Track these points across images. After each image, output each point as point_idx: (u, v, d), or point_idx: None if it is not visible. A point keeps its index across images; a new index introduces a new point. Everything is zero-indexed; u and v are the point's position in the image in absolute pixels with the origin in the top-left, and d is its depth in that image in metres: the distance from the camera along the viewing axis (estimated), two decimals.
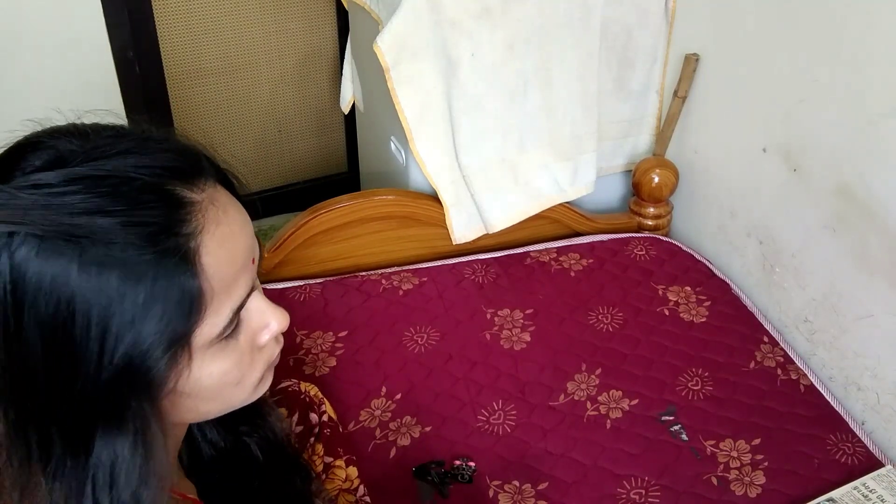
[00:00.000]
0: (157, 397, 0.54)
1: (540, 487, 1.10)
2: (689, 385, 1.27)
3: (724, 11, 1.45)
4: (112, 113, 0.58)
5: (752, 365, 1.31)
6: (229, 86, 2.14)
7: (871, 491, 1.08)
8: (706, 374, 1.29)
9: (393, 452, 1.14)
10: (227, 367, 0.57)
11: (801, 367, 1.32)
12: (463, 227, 1.51)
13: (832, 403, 1.26)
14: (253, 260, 0.59)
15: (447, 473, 1.11)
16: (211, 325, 0.54)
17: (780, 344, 1.36)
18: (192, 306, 0.52)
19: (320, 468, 0.93)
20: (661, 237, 1.62)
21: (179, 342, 0.52)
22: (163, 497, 0.55)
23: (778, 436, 1.19)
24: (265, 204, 2.28)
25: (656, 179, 1.59)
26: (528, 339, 1.35)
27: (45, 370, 0.50)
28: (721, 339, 1.36)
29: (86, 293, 0.49)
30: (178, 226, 0.52)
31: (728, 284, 1.50)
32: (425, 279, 1.46)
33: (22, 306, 0.49)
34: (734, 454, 1.16)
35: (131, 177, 0.51)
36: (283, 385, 0.98)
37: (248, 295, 0.58)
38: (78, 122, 0.55)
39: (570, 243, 1.59)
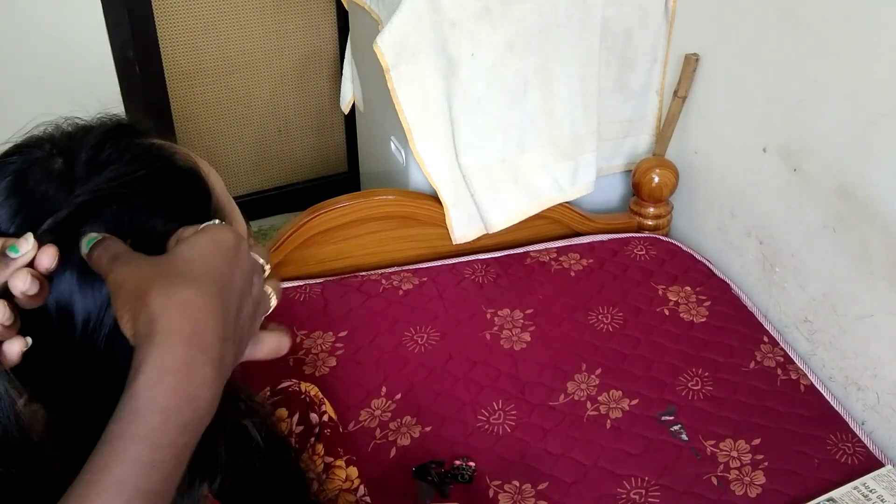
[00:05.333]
0: None
1: (540, 487, 1.10)
2: (689, 385, 1.27)
3: (724, 11, 1.45)
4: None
5: (752, 365, 1.31)
6: (229, 86, 2.14)
7: (871, 491, 1.08)
8: (706, 374, 1.29)
9: (393, 452, 1.14)
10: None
11: (801, 366, 1.32)
12: (463, 227, 1.51)
13: (832, 403, 1.26)
14: None
15: (447, 473, 1.11)
16: None
17: (780, 344, 1.36)
18: None
19: (321, 468, 0.94)
20: (661, 237, 1.62)
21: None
22: None
23: (778, 436, 1.19)
24: (265, 204, 2.28)
25: (656, 179, 1.59)
26: (528, 339, 1.35)
27: None
28: (721, 339, 1.36)
29: None
30: None
31: (728, 284, 1.49)
32: (425, 279, 1.46)
33: None
34: (734, 454, 1.16)
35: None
36: (283, 385, 0.98)
37: None
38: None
39: (570, 243, 1.59)
